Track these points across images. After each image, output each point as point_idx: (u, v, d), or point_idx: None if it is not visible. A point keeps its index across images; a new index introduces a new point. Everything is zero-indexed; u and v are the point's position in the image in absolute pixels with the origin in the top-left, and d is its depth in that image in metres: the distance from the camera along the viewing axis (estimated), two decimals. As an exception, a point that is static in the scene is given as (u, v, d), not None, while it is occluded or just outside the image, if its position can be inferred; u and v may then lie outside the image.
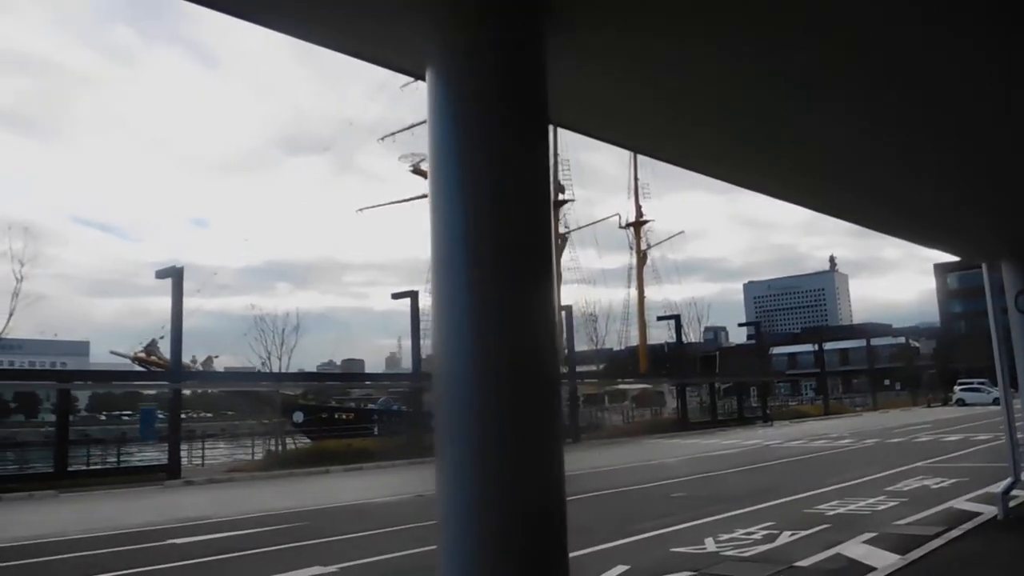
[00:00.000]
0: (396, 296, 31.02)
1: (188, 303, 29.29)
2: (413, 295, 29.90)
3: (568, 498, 2.23)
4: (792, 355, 78.98)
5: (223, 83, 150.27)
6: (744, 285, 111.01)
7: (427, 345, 51.57)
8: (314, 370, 42.87)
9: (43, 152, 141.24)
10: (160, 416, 34.96)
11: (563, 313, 40.83)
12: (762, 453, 26.06)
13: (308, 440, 32.31)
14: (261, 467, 23.83)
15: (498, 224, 2.23)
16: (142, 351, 31.10)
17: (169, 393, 24.83)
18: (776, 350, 76.66)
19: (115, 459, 23.24)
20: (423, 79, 2.39)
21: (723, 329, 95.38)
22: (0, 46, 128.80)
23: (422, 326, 46.35)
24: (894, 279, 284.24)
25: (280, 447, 27.52)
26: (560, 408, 2.39)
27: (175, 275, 22.82)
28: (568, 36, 2.65)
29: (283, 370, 29.98)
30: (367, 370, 68.73)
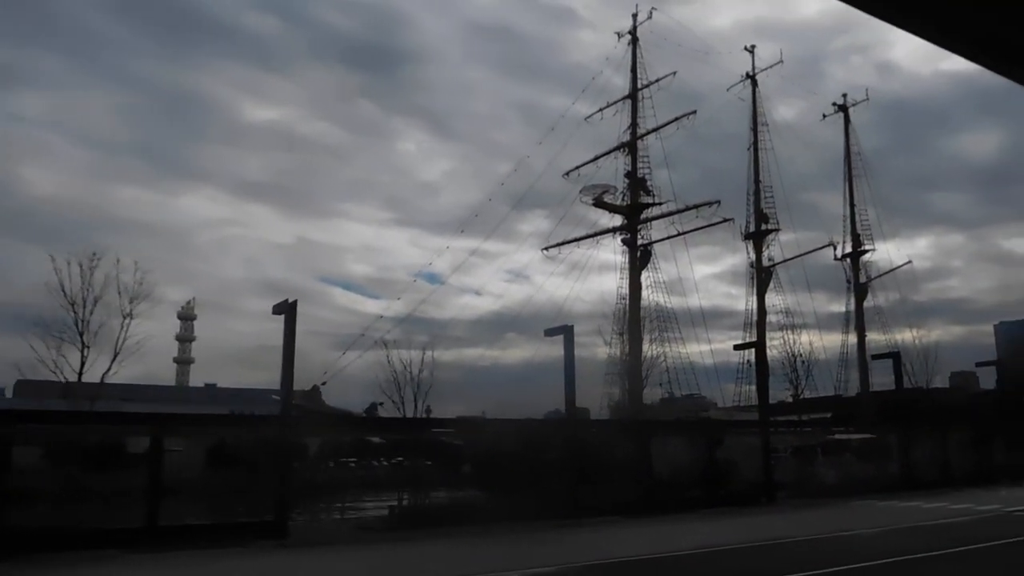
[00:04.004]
0: (549, 333, 28.36)
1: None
2: (567, 330, 27.12)
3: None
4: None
5: (454, 146, 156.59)
6: (995, 326, 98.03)
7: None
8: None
9: (294, 219, 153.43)
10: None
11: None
12: (995, 525, 20.79)
13: (479, 492, 30.23)
14: (392, 525, 21.93)
15: None
16: (303, 399, 30.58)
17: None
18: (1032, 395, 66.02)
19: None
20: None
21: (972, 374, 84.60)
22: (269, 128, 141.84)
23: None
24: None
25: (421, 500, 25.50)
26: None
27: (288, 311, 21.64)
28: None
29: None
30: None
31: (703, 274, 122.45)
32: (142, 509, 19.33)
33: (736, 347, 50.34)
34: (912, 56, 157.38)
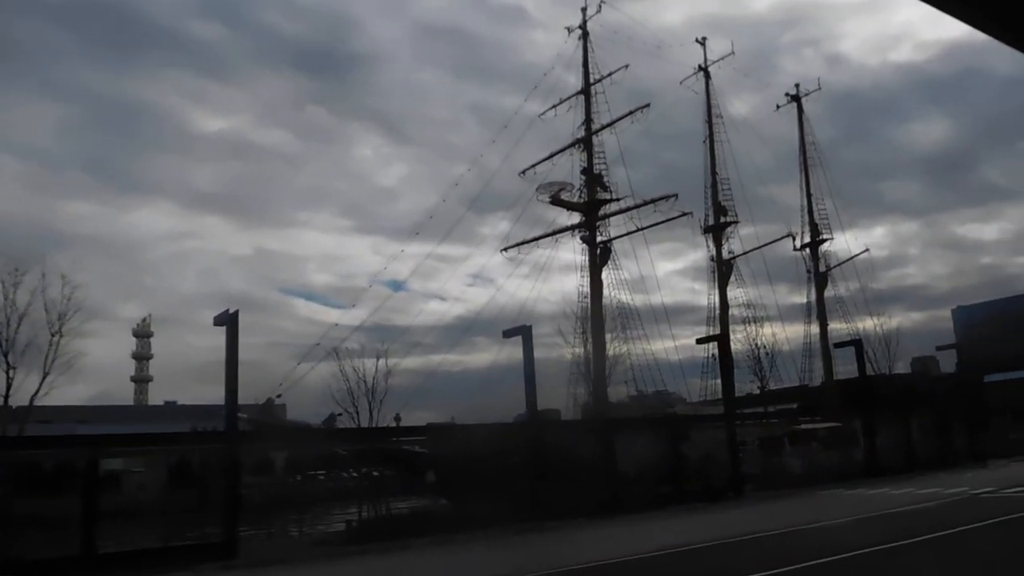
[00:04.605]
0: (507, 333, 27.68)
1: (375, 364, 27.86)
2: (525, 330, 26.51)
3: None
4: (1014, 382, 68.54)
5: (411, 150, 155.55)
6: (952, 311, 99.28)
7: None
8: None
9: (249, 229, 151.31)
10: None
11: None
12: (965, 508, 20.51)
13: (444, 500, 29.50)
14: (349, 539, 21.13)
15: None
16: (258, 412, 29.64)
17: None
18: (992, 377, 66.67)
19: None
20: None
21: (933, 359, 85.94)
22: (220, 137, 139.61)
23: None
24: None
25: (382, 512, 24.76)
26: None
27: (229, 322, 20.68)
28: None
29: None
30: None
31: (666, 271, 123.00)
32: (94, 535, 18.22)
33: (699, 341, 49.96)
34: (861, 48, 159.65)
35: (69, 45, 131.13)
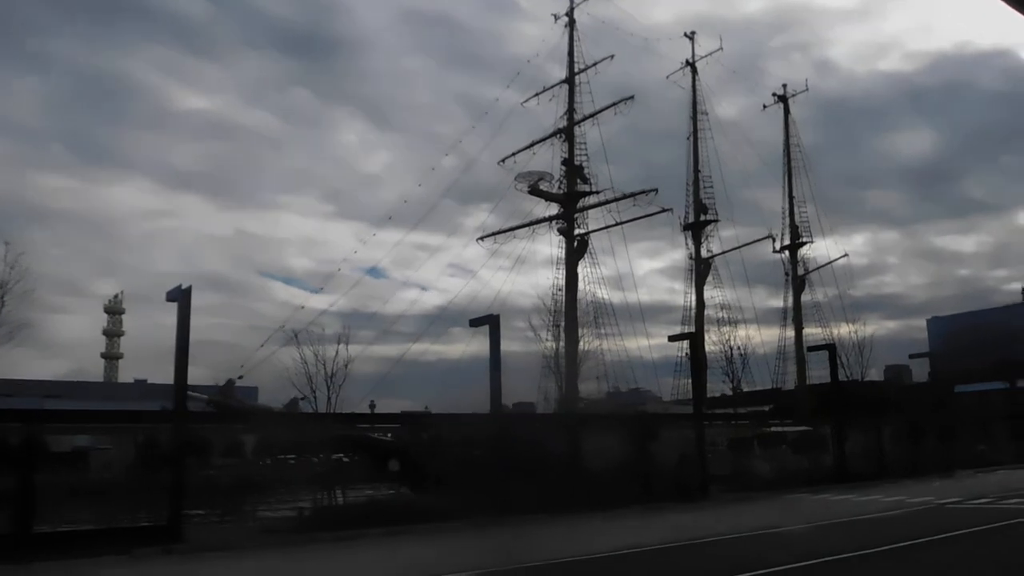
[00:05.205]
0: (474, 323, 27.16)
1: (355, 350, 27.17)
2: (493, 320, 25.98)
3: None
4: (983, 394, 68.93)
5: (396, 137, 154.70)
6: (927, 321, 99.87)
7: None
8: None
9: (228, 209, 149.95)
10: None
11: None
12: (931, 517, 20.25)
13: (407, 490, 28.97)
14: (300, 527, 20.55)
15: None
16: (217, 393, 28.95)
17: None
18: (961, 388, 66.99)
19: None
20: None
21: (906, 367, 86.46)
22: (200, 116, 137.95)
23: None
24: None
25: (336, 500, 24.19)
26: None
27: (182, 298, 19.96)
28: None
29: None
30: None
31: (646, 269, 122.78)
32: (31, 514, 17.47)
33: (671, 338, 49.57)
34: (850, 55, 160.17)
35: (48, 17, 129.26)
